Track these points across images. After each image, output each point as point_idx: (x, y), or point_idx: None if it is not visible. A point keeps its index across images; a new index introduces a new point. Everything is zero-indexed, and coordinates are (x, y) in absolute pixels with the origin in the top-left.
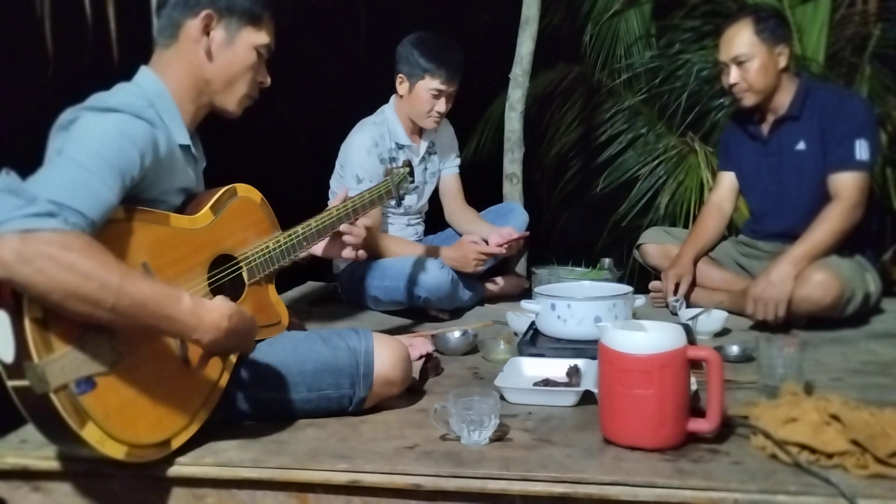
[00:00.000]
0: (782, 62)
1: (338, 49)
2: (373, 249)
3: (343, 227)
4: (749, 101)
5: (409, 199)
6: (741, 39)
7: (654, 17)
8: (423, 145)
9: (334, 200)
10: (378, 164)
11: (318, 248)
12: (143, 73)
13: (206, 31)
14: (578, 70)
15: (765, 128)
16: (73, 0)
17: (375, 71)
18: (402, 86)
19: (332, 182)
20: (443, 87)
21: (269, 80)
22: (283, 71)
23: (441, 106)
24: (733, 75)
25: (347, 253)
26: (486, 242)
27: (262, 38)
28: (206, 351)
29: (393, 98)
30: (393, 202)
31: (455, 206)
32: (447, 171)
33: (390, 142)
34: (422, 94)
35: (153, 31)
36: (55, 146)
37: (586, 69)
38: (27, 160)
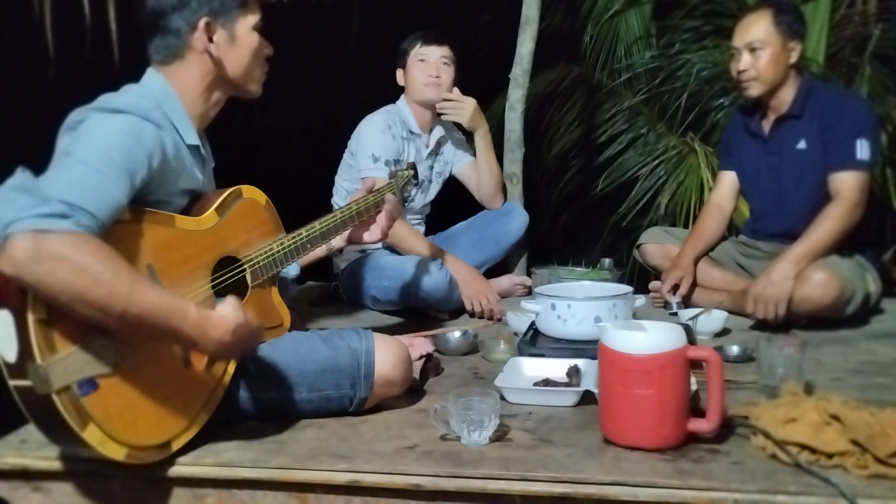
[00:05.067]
0: (793, 58)
1: (339, 49)
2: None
3: (388, 198)
4: (754, 90)
5: (414, 195)
6: (758, 26)
7: (654, 17)
8: (434, 139)
9: (358, 192)
10: (393, 143)
11: (340, 239)
12: (150, 74)
13: (210, 37)
14: (578, 70)
15: (766, 126)
16: (73, 0)
17: (376, 71)
18: (401, 76)
19: (338, 177)
20: (425, 51)
21: (271, 49)
22: (285, 72)
23: (431, 69)
24: (744, 61)
25: (372, 235)
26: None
27: (254, 16)
28: (209, 356)
29: (402, 96)
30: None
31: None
32: (464, 163)
33: (402, 129)
34: (413, 70)
35: (148, 52)
36: (63, 146)
37: (586, 69)
38: (27, 160)
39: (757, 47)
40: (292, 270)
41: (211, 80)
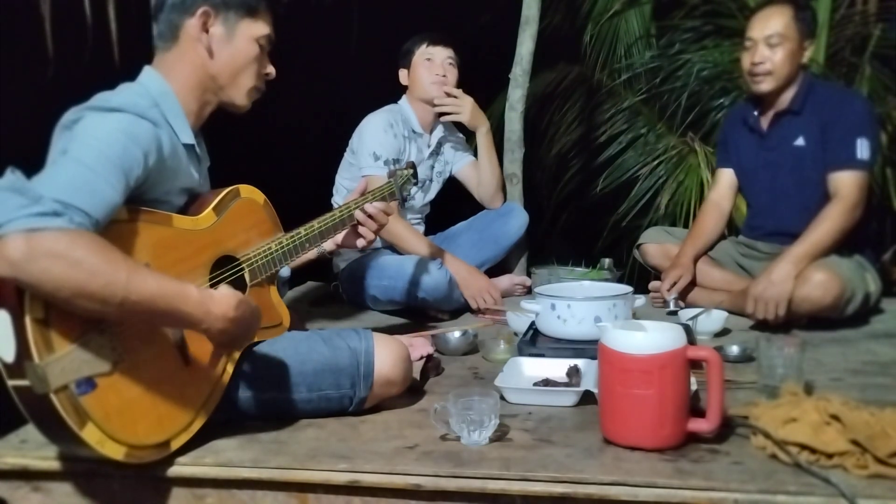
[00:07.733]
0: (805, 57)
1: (340, 49)
2: (385, 233)
3: (375, 206)
4: (766, 85)
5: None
6: (780, 20)
7: (654, 17)
8: (435, 138)
9: (353, 192)
10: (395, 141)
11: (331, 243)
12: (147, 72)
13: (205, 28)
14: (578, 70)
15: (764, 122)
16: (74, 0)
17: (376, 72)
18: (404, 76)
19: (339, 176)
20: (432, 51)
21: (273, 71)
22: (285, 71)
23: (438, 68)
24: (762, 53)
25: (364, 241)
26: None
27: (260, 28)
28: (215, 341)
29: (404, 95)
30: (396, 204)
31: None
32: (464, 163)
33: (404, 128)
34: (419, 69)
35: (153, 36)
36: (59, 146)
37: (586, 69)
38: (27, 160)
39: (776, 42)
40: (284, 272)
41: (202, 76)
